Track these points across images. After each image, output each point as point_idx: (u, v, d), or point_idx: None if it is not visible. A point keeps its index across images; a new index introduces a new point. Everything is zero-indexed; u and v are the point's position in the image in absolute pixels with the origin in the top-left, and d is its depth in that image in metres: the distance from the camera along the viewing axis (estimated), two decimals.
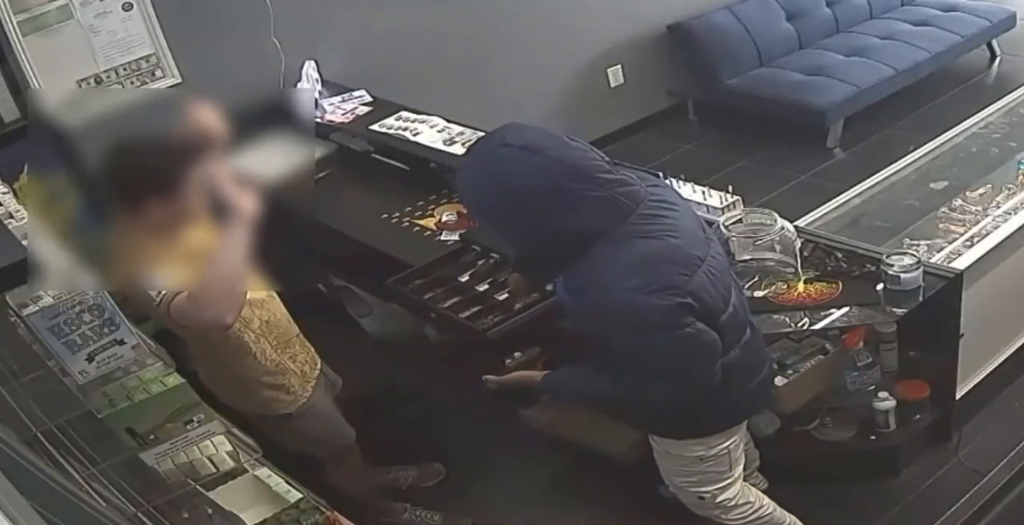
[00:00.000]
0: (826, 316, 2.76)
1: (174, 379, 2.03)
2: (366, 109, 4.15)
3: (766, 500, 2.64)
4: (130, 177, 1.91)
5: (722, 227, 2.80)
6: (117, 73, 3.91)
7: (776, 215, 2.85)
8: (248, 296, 2.22)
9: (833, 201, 3.58)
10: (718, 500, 2.50)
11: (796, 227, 2.91)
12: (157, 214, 1.98)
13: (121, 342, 2.00)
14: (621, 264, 2.05)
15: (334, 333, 3.21)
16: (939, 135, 4.01)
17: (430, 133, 3.78)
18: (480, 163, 2.10)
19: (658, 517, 2.82)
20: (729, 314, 2.19)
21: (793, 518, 2.69)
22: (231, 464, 2.12)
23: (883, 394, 2.97)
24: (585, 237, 2.05)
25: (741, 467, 2.53)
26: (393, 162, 3.88)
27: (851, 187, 3.67)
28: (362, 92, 4.25)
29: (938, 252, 3.35)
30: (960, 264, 3.00)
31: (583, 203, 2.02)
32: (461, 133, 3.72)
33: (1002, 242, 3.15)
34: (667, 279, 2.06)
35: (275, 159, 1.98)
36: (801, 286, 2.82)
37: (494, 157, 2.05)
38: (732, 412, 2.41)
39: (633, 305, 2.04)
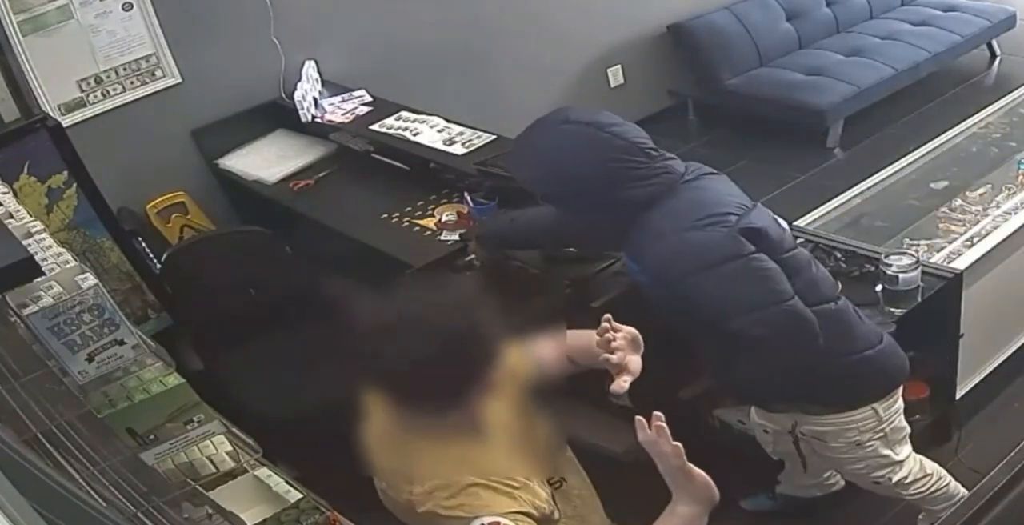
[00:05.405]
0: None
1: (174, 379, 2.02)
2: (366, 109, 4.14)
3: (944, 472, 2.64)
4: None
5: None
6: (117, 73, 3.91)
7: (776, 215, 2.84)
8: None
9: (833, 201, 3.57)
10: (894, 481, 2.55)
11: (796, 227, 2.91)
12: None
13: (121, 342, 1.99)
14: (673, 213, 2.20)
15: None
16: (939, 135, 4.00)
17: (430, 133, 3.77)
18: (542, 139, 2.25)
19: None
20: (794, 254, 2.28)
21: (964, 490, 2.66)
22: (231, 464, 2.12)
23: None
24: (639, 205, 2.22)
25: (908, 447, 2.55)
26: (393, 162, 3.88)
27: (851, 187, 3.67)
28: (362, 92, 4.25)
29: (938, 252, 3.35)
30: (960, 264, 3.00)
31: (637, 173, 2.20)
32: (461, 133, 3.71)
33: (1002, 242, 3.15)
34: (716, 218, 2.18)
35: None
36: None
37: (556, 133, 2.22)
38: (872, 381, 2.41)
39: (687, 241, 2.17)
